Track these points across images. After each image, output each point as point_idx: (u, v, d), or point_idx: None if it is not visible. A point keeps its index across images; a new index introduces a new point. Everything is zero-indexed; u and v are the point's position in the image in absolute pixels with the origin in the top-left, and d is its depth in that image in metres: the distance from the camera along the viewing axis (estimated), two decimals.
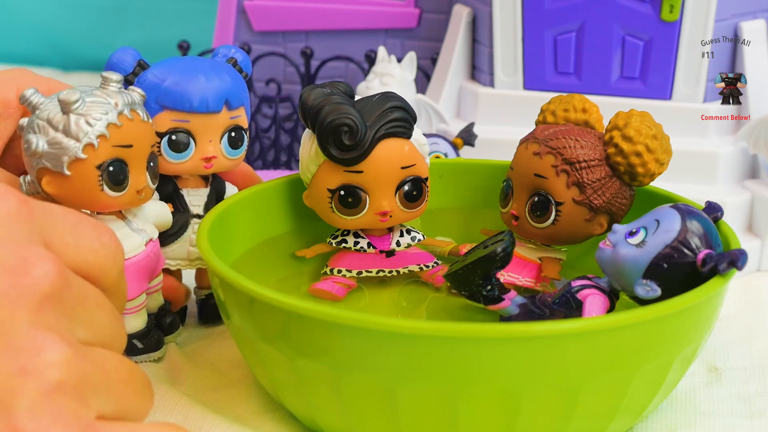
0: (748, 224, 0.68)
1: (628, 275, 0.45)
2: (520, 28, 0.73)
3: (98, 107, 0.46)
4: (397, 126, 0.52)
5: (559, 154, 0.51)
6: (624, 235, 0.46)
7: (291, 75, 0.88)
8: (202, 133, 0.53)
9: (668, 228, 0.45)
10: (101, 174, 0.47)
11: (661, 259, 0.45)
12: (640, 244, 0.45)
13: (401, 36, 0.87)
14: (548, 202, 0.52)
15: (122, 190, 0.48)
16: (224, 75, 0.53)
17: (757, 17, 0.72)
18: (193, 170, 0.54)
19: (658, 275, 0.45)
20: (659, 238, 0.45)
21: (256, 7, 0.88)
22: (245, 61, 0.56)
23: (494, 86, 0.75)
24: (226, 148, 0.54)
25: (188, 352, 0.55)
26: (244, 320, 0.45)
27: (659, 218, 0.46)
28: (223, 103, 0.53)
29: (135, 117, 0.48)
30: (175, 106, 0.52)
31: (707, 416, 0.49)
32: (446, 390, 0.41)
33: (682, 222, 0.45)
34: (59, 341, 0.35)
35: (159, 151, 0.52)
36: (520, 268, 0.54)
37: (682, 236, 0.45)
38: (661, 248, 0.45)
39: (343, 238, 0.55)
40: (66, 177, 0.47)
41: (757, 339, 0.58)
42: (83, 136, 0.46)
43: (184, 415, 0.48)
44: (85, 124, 0.46)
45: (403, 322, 0.39)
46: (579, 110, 0.53)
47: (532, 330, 0.40)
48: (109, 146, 0.47)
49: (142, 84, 0.52)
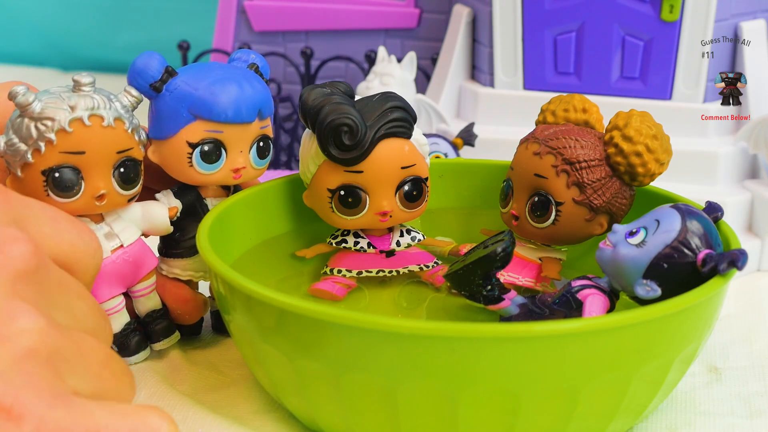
0: (748, 224, 0.68)
1: (628, 275, 0.45)
2: (520, 28, 0.73)
3: (50, 111, 0.46)
4: (397, 126, 0.52)
5: (560, 154, 0.51)
6: (624, 235, 0.46)
7: (291, 75, 0.88)
8: (234, 143, 0.52)
9: (668, 228, 0.45)
10: (46, 180, 0.47)
11: (662, 259, 0.45)
12: (640, 244, 0.45)
13: (401, 36, 0.87)
14: (548, 202, 0.52)
15: (71, 196, 0.47)
16: (255, 84, 0.52)
17: (757, 17, 0.72)
18: (221, 181, 0.53)
19: (658, 275, 0.45)
20: (659, 238, 0.45)
21: (256, 7, 0.88)
22: (265, 67, 0.55)
23: (494, 86, 0.75)
24: (254, 158, 0.53)
25: (188, 352, 0.55)
26: (243, 320, 0.45)
27: (659, 218, 0.46)
28: (256, 113, 0.52)
29: (94, 122, 0.47)
30: (209, 116, 0.51)
31: (707, 416, 0.49)
32: (446, 390, 0.41)
33: (682, 222, 0.45)
34: (34, 311, 0.35)
35: (191, 162, 0.51)
36: (520, 268, 0.54)
37: (682, 236, 0.45)
38: (662, 248, 0.45)
39: (343, 238, 0.55)
40: (20, 179, 0.47)
41: (757, 339, 0.58)
42: (31, 141, 0.46)
43: (184, 415, 0.48)
44: (34, 128, 0.46)
45: (403, 322, 0.39)
46: (579, 110, 0.53)
47: (532, 330, 0.40)
48: (56, 152, 0.46)
49: (173, 92, 0.51)
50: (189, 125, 0.51)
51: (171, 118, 0.51)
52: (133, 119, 0.49)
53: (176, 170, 0.52)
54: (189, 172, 0.52)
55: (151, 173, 0.53)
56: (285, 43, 0.89)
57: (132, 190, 0.49)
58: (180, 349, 0.55)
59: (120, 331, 0.52)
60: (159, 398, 0.50)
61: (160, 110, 0.51)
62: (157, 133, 0.52)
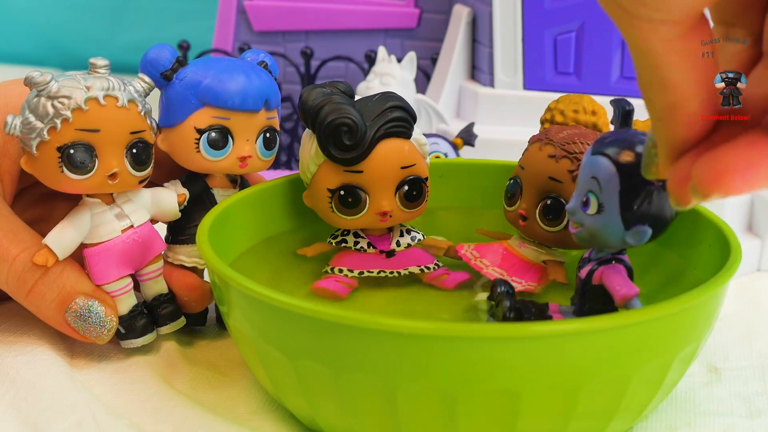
0: (748, 224, 0.68)
1: (614, 239, 0.44)
2: (520, 28, 0.73)
3: (67, 90, 0.47)
4: (397, 126, 0.52)
5: (576, 159, 0.50)
6: (582, 211, 0.45)
7: (291, 75, 0.89)
8: (240, 131, 0.53)
9: (605, 173, 0.43)
10: (61, 156, 0.48)
11: (629, 199, 0.43)
12: (599, 209, 0.44)
13: (401, 36, 0.87)
14: (562, 206, 0.51)
15: (85, 173, 0.49)
16: (263, 75, 0.54)
17: None
18: (228, 169, 0.54)
19: (637, 217, 0.43)
20: (610, 188, 0.43)
21: (256, 7, 0.88)
22: (274, 66, 0.56)
23: (494, 86, 0.75)
24: (261, 148, 0.54)
25: (188, 351, 0.55)
26: (243, 319, 0.45)
27: (594, 174, 0.44)
28: (263, 102, 0.53)
29: (109, 102, 0.48)
30: (217, 102, 0.52)
31: (707, 416, 0.49)
32: (446, 390, 0.41)
33: (610, 159, 0.43)
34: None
35: (198, 148, 0.52)
36: (523, 271, 0.53)
37: (620, 164, 0.43)
38: (619, 193, 0.43)
39: (343, 238, 0.55)
40: (35, 157, 0.48)
41: (757, 339, 0.58)
42: (48, 119, 0.47)
43: (183, 415, 0.48)
44: (51, 106, 0.47)
45: (403, 322, 0.39)
46: (589, 112, 0.53)
47: (532, 330, 0.40)
48: (72, 129, 0.48)
49: (183, 80, 0.52)
50: (197, 112, 0.52)
51: (180, 105, 0.52)
52: (146, 104, 0.51)
53: (184, 157, 0.53)
54: (196, 159, 0.53)
55: (160, 169, 0.54)
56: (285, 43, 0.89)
57: (143, 172, 0.51)
58: (179, 348, 0.55)
59: (127, 313, 0.53)
60: (158, 397, 0.50)
61: (169, 98, 0.53)
62: (166, 120, 0.53)
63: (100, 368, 0.53)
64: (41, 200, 0.51)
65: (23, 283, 0.51)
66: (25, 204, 0.55)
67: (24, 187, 0.55)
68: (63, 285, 0.51)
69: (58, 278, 0.51)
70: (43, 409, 0.47)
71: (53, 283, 0.51)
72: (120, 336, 0.53)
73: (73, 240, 0.51)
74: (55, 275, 0.51)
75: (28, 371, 0.51)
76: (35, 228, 0.53)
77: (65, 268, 0.51)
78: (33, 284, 0.51)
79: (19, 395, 0.49)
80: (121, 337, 0.53)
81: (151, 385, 0.51)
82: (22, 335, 0.54)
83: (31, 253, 0.50)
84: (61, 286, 0.51)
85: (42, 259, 0.50)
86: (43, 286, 0.51)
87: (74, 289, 0.51)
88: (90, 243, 0.51)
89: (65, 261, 0.51)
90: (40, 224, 0.54)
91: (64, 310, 0.51)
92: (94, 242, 0.51)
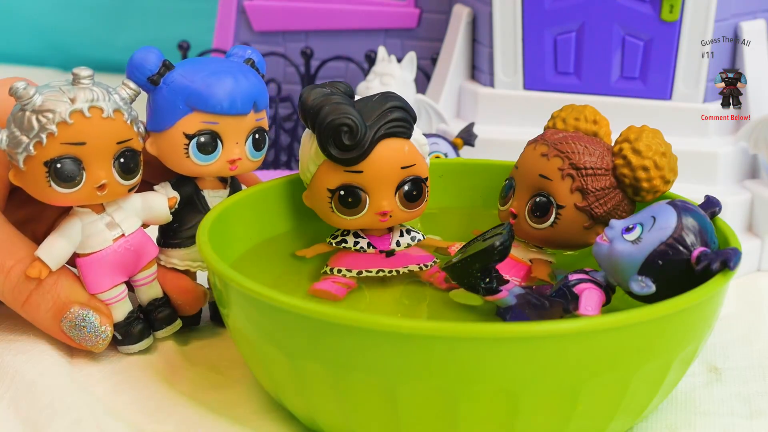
0: (748, 224, 0.68)
1: (624, 271, 0.46)
2: (520, 28, 0.73)
3: (51, 103, 0.47)
4: (396, 126, 0.52)
5: (567, 158, 0.51)
6: (620, 231, 0.46)
7: (291, 75, 0.88)
8: (230, 135, 0.53)
9: (664, 225, 0.45)
10: (48, 171, 0.48)
11: (657, 255, 0.45)
12: (636, 240, 0.45)
13: (401, 36, 0.87)
14: (549, 204, 0.52)
15: (73, 186, 0.48)
16: (251, 76, 0.53)
17: (757, 17, 0.72)
18: (218, 172, 0.54)
19: (653, 271, 0.45)
20: (655, 235, 0.45)
21: (256, 7, 0.88)
22: (261, 62, 0.56)
23: (494, 86, 0.75)
24: (251, 150, 0.54)
25: (188, 351, 0.55)
26: (244, 320, 0.45)
27: (655, 215, 0.46)
28: (251, 105, 0.53)
29: (94, 114, 0.48)
30: (205, 108, 0.52)
31: (707, 416, 0.49)
32: (446, 390, 0.41)
33: (678, 219, 0.45)
34: None
35: (187, 153, 0.52)
36: (509, 267, 0.53)
37: (677, 233, 0.45)
38: (657, 245, 0.45)
39: (343, 238, 0.55)
40: (23, 172, 0.48)
41: (757, 339, 0.58)
42: (33, 133, 0.47)
43: (183, 415, 0.48)
44: (36, 121, 0.47)
45: (403, 322, 0.39)
46: (590, 121, 0.53)
47: (532, 330, 0.40)
48: (58, 143, 0.47)
49: (170, 85, 0.52)
50: (185, 117, 0.52)
51: (168, 111, 0.52)
52: (131, 111, 0.50)
53: (173, 162, 0.53)
54: (186, 164, 0.53)
55: (150, 167, 0.54)
56: (285, 43, 0.89)
57: (132, 180, 0.51)
58: (180, 349, 0.55)
59: (123, 320, 0.53)
60: (158, 398, 0.50)
61: (157, 103, 0.52)
62: (154, 125, 0.53)
63: (100, 368, 0.53)
64: (32, 199, 0.51)
65: (19, 294, 0.51)
66: (17, 203, 0.55)
67: (15, 187, 0.54)
68: (57, 295, 0.51)
69: (52, 288, 0.51)
70: (43, 408, 0.47)
71: (48, 294, 0.51)
72: (117, 342, 0.53)
73: (65, 250, 0.51)
74: (50, 286, 0.51)
75: (28, 370, 0.51)
76: (27, 227, 0.53)
77: (59, 278, 0.51)
78: (28, 295, 0.51)
79: (19, 394, 0.49)
80: (118, 344, 0.54)
81: (151, 385, 0.51)
82: (22, 334, 0.54)
83: (26, 265, 0.50)
84: (56, 296, 0.51)
85: (35, 271, 0.50)
86: (38, 297, 0.51)
87: (69, 299, 0.51)
88: (82, 253, 0.51)
89: (59, 271, 0.51)
90: (32, 224, 0.55)
91: (59, 320, 0.51)
92: (87, 252, 0.51)
